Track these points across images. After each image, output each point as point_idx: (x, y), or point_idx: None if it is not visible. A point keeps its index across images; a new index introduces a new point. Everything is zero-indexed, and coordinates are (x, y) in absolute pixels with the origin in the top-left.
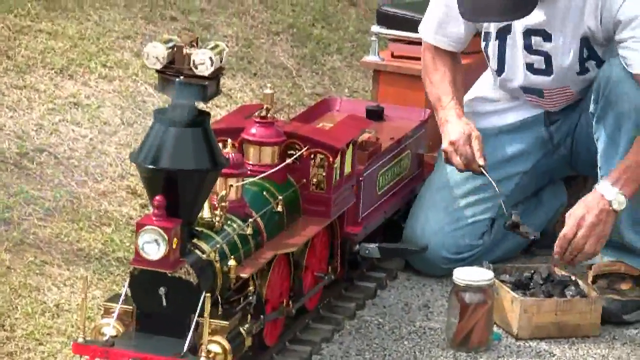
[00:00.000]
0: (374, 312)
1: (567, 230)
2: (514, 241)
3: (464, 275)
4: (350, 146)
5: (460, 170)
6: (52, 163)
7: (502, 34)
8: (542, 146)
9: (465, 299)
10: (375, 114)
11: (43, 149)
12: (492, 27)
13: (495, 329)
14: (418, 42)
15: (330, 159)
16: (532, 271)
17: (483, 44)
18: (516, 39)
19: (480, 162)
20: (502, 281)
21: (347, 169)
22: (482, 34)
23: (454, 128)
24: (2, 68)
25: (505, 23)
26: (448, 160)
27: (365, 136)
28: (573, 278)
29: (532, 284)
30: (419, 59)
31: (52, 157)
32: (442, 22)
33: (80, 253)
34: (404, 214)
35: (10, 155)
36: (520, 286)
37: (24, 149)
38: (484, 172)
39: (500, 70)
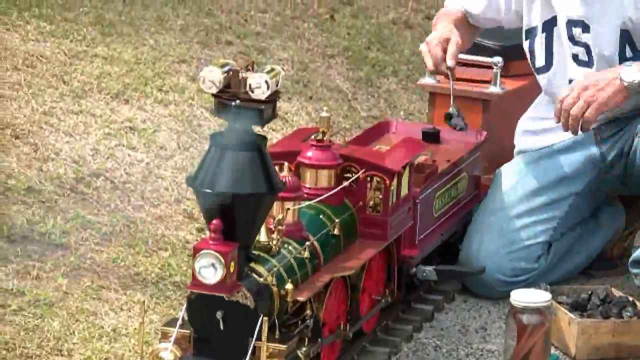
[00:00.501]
0: (431, 335)
1: (563, 93)
2: (571, 264)
3: (521, 296)
4: (407, 169)
5: (431, 72)
6: (109, 188)
7: (549, 26)
8: (594, 166)
9: (523, 321)
10: (432, 137)
11: (99, 173)
12: (538, 21)
13: (553, 350)
14: (475, 64)
15: (387, 182)
16: (590, 292)
17: (526, 42)
18: (560, 31)
19: (449, 63)
20: (560, 302)
21: (404, 191)
22: (524, 32)
23: (435, 31)
24: (59, 93)
25: (550, 15)
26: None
27: (421, 159)
28: (631, 299)
29: (589, 305)
30: (476, 81)
31: (109, 182)
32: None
33: (137, 278)
34: (461, 236)
35: (67, 180)
36: (578, 307)
37: (80, 174)
38: (449, 75)
39: (548, 64)
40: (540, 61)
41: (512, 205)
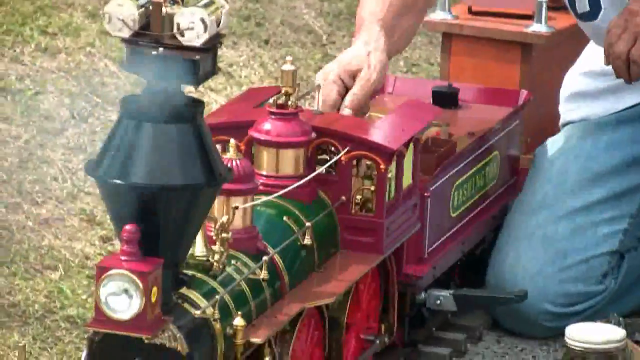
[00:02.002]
0: None
1: (611, 24)
2: None
3: (581, 335)
4: (411, 147)
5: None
6: None
7: None
8: None
9: None
10: (447, 99)
11: None
12: None
13: None
14: None
15: (382, 167)
16: None
17: None
18: None
19: (346, 112)
20: (638, 342)
21: (407, 180)
22: None
23: (344, 54)
24: None
25: None
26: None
27: (432, 131)
28: None
29: None
30: (510, 16)
31: None
32: None
33: (14, 310)
34: (491, 246)
35: None
36: None
37: None
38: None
39: (594, 9)
40: (582, 4)
41: (561, 199)
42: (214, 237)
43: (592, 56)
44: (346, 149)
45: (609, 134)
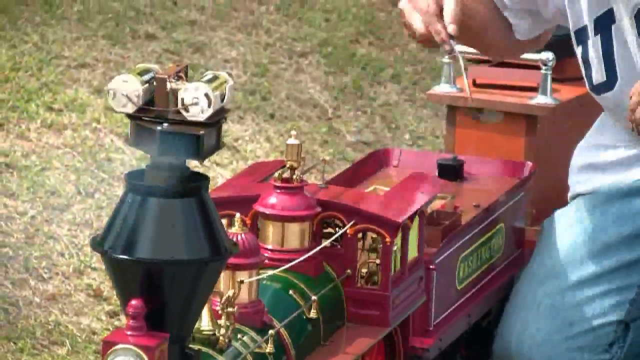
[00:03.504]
0: None
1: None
2: None
3: None
4: (416, 219)
5: (418, 40)
6: None
7: (604, 24)
8: None
9: None
10: (452, 171)
11: None
12: (586, 18)
13: None
14: (512, 64)
15: (387, 240)
16: None
17: (578, 49)
18: (624, 28)
19: (450, 29)
20: None
21: (412, 253)
22: (573, 35)
23: None
24: None
25: (604, 9)
26: (405, 26)
27: (437, 204)
28: None
29: None
30: (512, 88)
31: None
32: None
33: None
34: (497, 318)
35: None
36: None
37: None
38: (451, 46)
39: (611, 79)
40: (598, 75)
41: (569, 269)
42: (220, 312)
43: (602, 129)
44: (351, 222)
45: (617, 206)
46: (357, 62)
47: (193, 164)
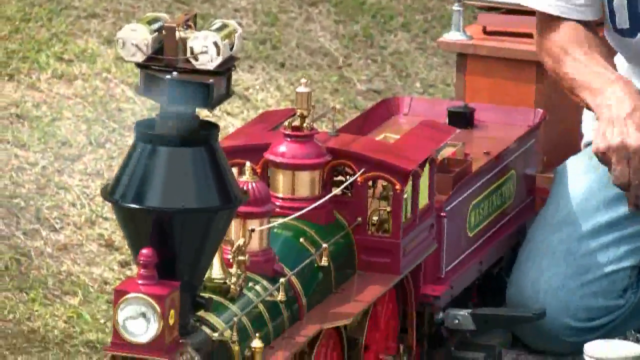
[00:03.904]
0: None
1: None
2: None
3: (599, 351)
4: (427, 167)
5: (617, 184)
6: None
7: None
8: None
9: None
10: (462, 119)
11: None
12: None
13: None
14: (522, 11)
15: (398, 187)
16: None
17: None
18: None
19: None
20: None
21: (423, 201)
22: None
23: (610, 109)
24: None
25: None
26: (601, 162)
27: (448, 151)
28: None
29: None
30: (524, 35)
31: None
32: None
33: (33, 336)
34: (509, 265)
35: None
36: None
37: None
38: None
39: (635, 27)
40: (622, 21)
41: (584, 216)
42: (231, 260)
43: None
44: (362, 171)
45: None
46: (367, 10)
47: (204, 113)
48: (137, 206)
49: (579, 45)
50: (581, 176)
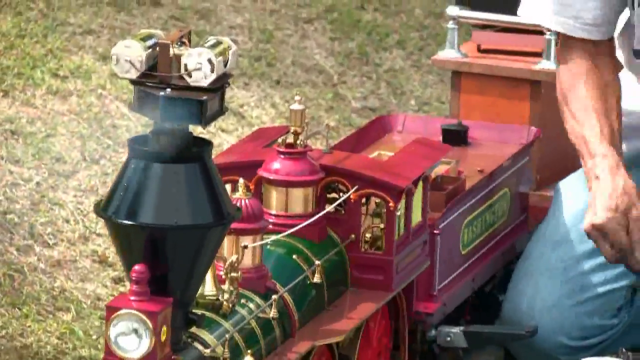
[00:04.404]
0: None
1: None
2: None
3: None
4: (420, 184)
5: (612, 263)
6: None
7: None
8: None
9: None
10: (456, 136)
11: None
12: None
13: None
14: (517, 29)
15: (391, 204)
16: None
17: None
18: None
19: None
20: None
21: (416, 218)
22: None
23: (603, 197)
24: None
25: None
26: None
27: (441, 169)
28: None
29: None
30: (519, 53)
31: None
32: None
33: (26, 352)
34: (502, 282)
35: None
36: None
37: None
38: None
39: None
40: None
41: (581, 236)
42: (224, 277)
43: (626, 89)
44: (355, 188)
45: (634, 172)
46: (362, 28)
47: (198, 130)
48: (130, 222)
49: (577, 95)
50: (580, 195)
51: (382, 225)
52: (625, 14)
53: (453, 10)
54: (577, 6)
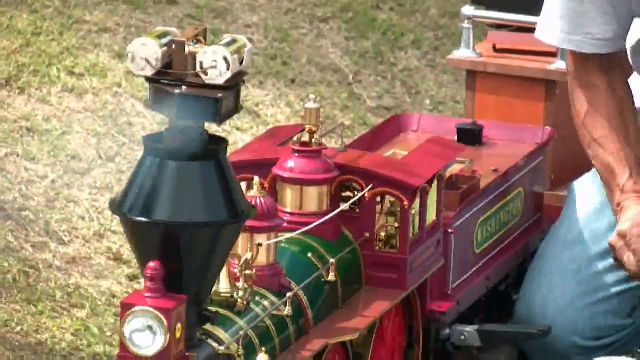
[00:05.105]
0: None
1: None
2: None
3: None
4: (435, 183)
5: (634, 276)
6: None
7: None
8: None
9: None
10: (471, 136)
11: None
12: None
13: None
14: (532, 29)
15: (405, 203)
16: None
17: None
18: None
19: None
20: None
21: (430, 217)
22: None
23: (628, 216)
24: None
25: None
26: (617, 260)
27: (456, 168)
28: None
29: None
30: (533, 53)
31: None
32: (574, 16)
33: (40, 348)
34: (515, 282)
35: None
36: None
37: None
38: None
39: None
40: None
41: (595, 237)
42: (238, 274)
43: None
44: (369, 186)
45: None
46: (378, 27)
47: (213, 128)
48: (145, 219)
49: (592, 105)
50: (594, 195)
51: (396, 224)
52: (636, 23)
53: (468, 10)
54: (588, 23)
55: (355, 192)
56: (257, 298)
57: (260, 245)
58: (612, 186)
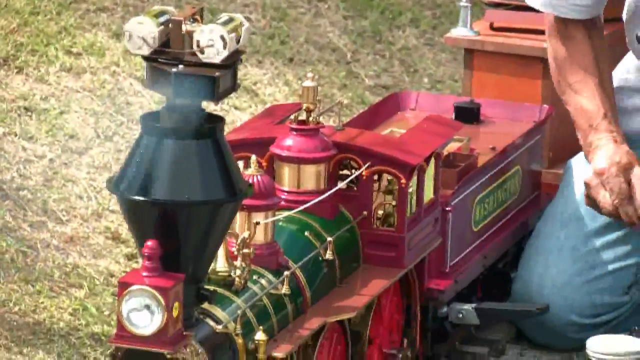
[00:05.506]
0: None
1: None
2: None
3: (602, 346)
4: (432, 161)
5: (607, 215)
6: None
7: None
8: None
9: None
10: (469, 114)
11: None
12: None
13: None
14: (529, 7)
15: (403, 181)
16: None
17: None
18: None
19: None
20: None
21: (428, 195)
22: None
23: (604, 154)
24: None
25: None
26: (590, 200)
27: (453, 146)
28: None
29: None
30: (531, 31)
31: None
32: None
33: (39, 328)
34: (514, 260)
35: None
36: None
37: None
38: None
39: None
40: None
41: (591, 214)
42: (236, 253)
43: (627, 73)
44: (367, 165)
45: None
46: (376, 6)
47: (211, 107)
48: (142, 198)
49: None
50: (590, 172)
51: (393, 202)
52: None
53: None
54: None
55: (353, 171)
56: (254, 277)
57: (257, 223)
58: (584, 127)
